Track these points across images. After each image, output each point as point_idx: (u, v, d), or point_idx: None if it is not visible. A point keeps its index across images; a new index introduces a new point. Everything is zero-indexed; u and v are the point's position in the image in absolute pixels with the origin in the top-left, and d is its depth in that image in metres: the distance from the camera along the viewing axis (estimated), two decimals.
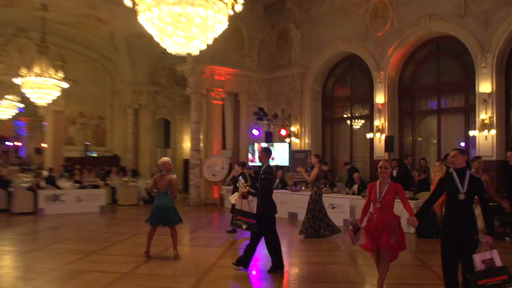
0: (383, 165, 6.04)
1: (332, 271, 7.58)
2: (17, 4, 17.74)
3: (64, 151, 22.75)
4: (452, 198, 5.34)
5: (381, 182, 6.04)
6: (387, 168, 6.04)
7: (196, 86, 17.80)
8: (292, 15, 18.60)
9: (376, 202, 5.93)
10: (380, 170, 6.04)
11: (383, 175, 6.01)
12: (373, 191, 6.02)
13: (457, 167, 5.46)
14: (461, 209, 5.26)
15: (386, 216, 5.89)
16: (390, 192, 5.93)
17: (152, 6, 7.86)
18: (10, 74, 19.42)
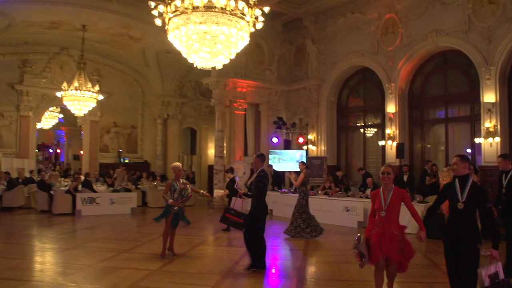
0: (385, 171, 5.33)
1: (347, 270, 7.52)
2: (60, 26, 18.15)
3: (99, 158, 23.06)
4: (452, 206, 4.86)
5: (384, 188, 5.35)
6: (390, 174, 5.33)
7: (220, 98, 17.88)
8: (309, 32, 18.61)
9: (381, 210, 5.23)
10: (382, 176, 5.34)
11: (386, 181, 5.33)
12: (377, 199, 5.32)
13: (458, 174, 4.92)
14: (460, 219, 4.74)
15: (391, 225, 5.21)
16: (395, 199, 5.24)
17: (180, 25, 7.96)
18: (53, 88, 19.92)
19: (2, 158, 19.79)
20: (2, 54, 20.32)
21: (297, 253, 9.37)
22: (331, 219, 13.11)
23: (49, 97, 20.95)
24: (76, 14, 16.76)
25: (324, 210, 13.49)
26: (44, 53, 21.29)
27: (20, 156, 20.45)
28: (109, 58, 22.76)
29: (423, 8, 14.66)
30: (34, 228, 12.63)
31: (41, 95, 21.14)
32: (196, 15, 7.72)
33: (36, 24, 17.90)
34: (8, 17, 16.46)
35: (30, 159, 20.90)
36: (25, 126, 20.84)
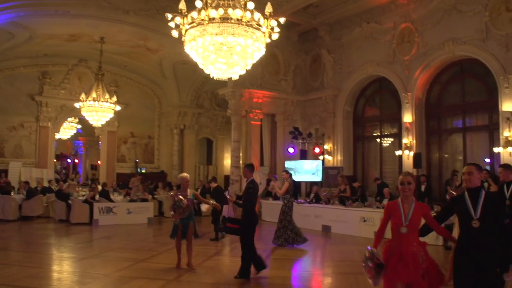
0: (405, 180, 4.37)
1: (364, 282, 7.43)
2: (79, 38, 18.48)
3: (117, 168, 23.28)
4: (465, 225, 4.14)
5: (404, 201, 4.38)
6: (410, 184, 4.37)
7: (236, 108, 17.95)
8: (324, 42, 18.63)
9: (401, 226, 4.27)
10: (402, 187, 4.39)
11: (407, 192, 4.37)
12: (395, 213, 4.37)
13: (471, 186, 4.22)
14: (477, 240, 3.99)
15: (411, 244, 4.24)
16: (417, 214, 4.33)
17: (196, 36, 8.02)
18: (71, 99, 20.27)
19: (22, 168, 20.09)
20: (22, 66, 20.74)
21: (314, 263, 9.32)
22: (347, 229, 13.04)
23: (68, 108, 21.30)
24: (94, 27, 17.04)
25: (341, 220, 13.43)
26: (63, 64, 21.68)
27: (39, 166, 20.75)
28: (126, 70, 23.05)
29: (439, 17, 14.58)
30: (52, 237, 12.77)
31: (60, 106, 21.50)
32: (213, 26, 7.78)
33: (55, 37, 18.24)
34: (29, 30, 16.81)
35: (49, 169, 21.18)
36: (44, 136, 21.17)
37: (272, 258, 9.57)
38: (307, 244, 11.02)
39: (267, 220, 16.32)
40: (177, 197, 7.76)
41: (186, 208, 7.70)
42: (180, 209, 7.66)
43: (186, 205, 7.66)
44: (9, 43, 17.79)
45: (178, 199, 7.70)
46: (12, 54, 19.39)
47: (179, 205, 7.67)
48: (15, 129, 20.68)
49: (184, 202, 7.66)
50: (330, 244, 11.50)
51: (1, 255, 9.48)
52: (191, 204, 7.85)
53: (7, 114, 20.38)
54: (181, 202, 7.65)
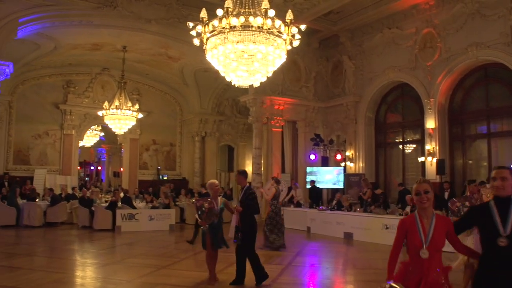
0: (421, 189, 3.49)
1: None
2: (102, 48, 18.83)
3: (139, 175, 23.54)
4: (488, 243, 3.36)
5: (421, 215, 3.51)
6: (428, 193, 3.49)
7: (258, 115, 18.01)
8: (345, 48, 18.60)
9: (421, 249, 3.39)
10: (418, 197, 3.51)
11: (425, 204, 3.49)
12: (413, 232, 3.47)
13: (503, 194, 3.38)
14: (504, 262, 3.23)
15: (433, 270, 3.41)
16: (440, 232, 3.44)
17: (218, 44, 8.11)
18: (95, 107, 20.64)
19: (46, 175, 20.48)
20: (47, 75, 21.23)
21: (336, 271, 9.27)
22: (370, 236, 12.94)
23: (91, 116, 21.70)
24: (117, 36, 17.34)
25: (363, 227, 13.33)
26: (86, 73, 22.12)
27: (63, 173, 21.13)
28: (148, 78, 23.36)
29: (462, 22, 14.43)
30: (75, 243, 12.98)
31: (83, 114, 21.91)
32: (234, 34, 7.86)
33: (79, 47, 18.62)
34: (54, 41, 17.19)
35: (73, 176, 21.54)
36: (68, 144, 21.57)
37: (293, 265, 9.56)
38: (330, 251, 10.96)
39: (289, 227, 16.29)
40: (198, 202, 7.54)
41: (209, 212, 7.31)
42: (203, 214, 7.33)
43: (208, 209, 7.29)
44: (35, 54, 18.24)
45: (200, 204, 7.43)
46: (38, 64, 19.87)
47: (201, 210, 7.37)
48: (40, 137, 21.12)
49: (205, 205, 7.34)
50: (352, 251, 11.42)
51: (26, 261, 9.68)
52: (215, 207, 7.40)
53: (33, 122, 20.85)
54: (202, 206, 7.35)
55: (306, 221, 15.57)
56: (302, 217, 15.90)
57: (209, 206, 7.33)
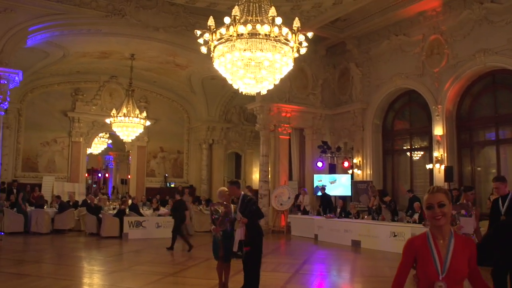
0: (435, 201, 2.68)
1: None
2: (110, 56, 19.00)
3: (146, 182, 23.61)
4: None
5: (435, 234, 2.71)
6: (444, 206, 2.67)
7: (265, 123, 18.05)
8: (352, 55, 18.62)
9: (437, 281, 2.63)
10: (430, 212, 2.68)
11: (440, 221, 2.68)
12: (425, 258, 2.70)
13: None
14: None
15: None
16: (460, 257, 2.67)
17: (225, 52, 8.16)
18: (103, 115, 20.79)
19: (54, 182, 20.60)
20: (56, 83, 21.42)
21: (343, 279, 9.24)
22: (378, 244, 12.89)
23: (99, 124, 21.84)
24: (125, 44, 17.49)
25: (371, 235, 13.29)
26: (95, 81, 22.30)
27: (71, 180, 21.25)
28: (156, 85, 23.50)
29: (469, 28, 14.42)
30: (83, 250, 13.03)
31: (91, 121, 22.05)
32: (241, 42, 7.91)
33: (88, 55, 18.79)
34: (63, 49, 17.37)
35: (80, 183, 21.65)
36: (76, 151, 21.70)
37: (300, 273, 9.54)
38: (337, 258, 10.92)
39: (296, 234, 16.27)
40: (212, 207, 7.17)
41: (224, 216, 6.92)
42: (218, 220, 6.93)
43: (223, 213, 6.93)
44: (44, 62, 18.43)
45: (214, 209, 7.07)
46: (46, 72, 20.06)
47: (216, 215, 7.01)
48: (49, 144, 21.27)
49: (221, 210, 6.96)
50: (359, 259, 11.38)
51: (34, 268, 9.73)
52: (231, 211, 7.00)
53: (41, 130, 21.01)
54: (217, 212, 6.97)
55: (313, 229, 15.54)
56: (309, 225, 15.88)
57: (225, 210, 6.99)
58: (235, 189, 7.18)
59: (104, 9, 15.09)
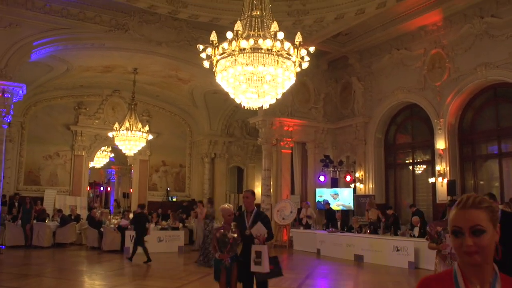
0: (466, 224, 1.64)
1: None
2: (113, 70, 19.15)
3: (148, 196, 23.61)
4: None
5: (467, 274, 1.67)
6: (482, 233, 1.63)
7: (267, 137, 18.10)
8: (354, 70, 18.74)
9: None
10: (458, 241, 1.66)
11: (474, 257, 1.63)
12: None
13: None
14: None
15: None
16: None
17: (227, 66, 8.23)
18: (105, 128, 20.86)
19: (56, 195, 20.63)
20: (59, 97, 21.56)
21: None
22: (381, 259, 12.83)
23: (102, 137, 21.92)
24: (128, 58, 17.63)
25: (373, 250, 13.24)
26: (97, 95, 22.43)
27: (73, 194, 21.27)
28: (158, 99, 23.62)
29: (470, 42, 14.53)
30: (84, 264, 13.01)
31: (94, 135, 22.13)
32: (243, 56, 7.97)
33: (91, 69, 18.95)
34: (66, 63, 17.53)
35: (82, 196, 21.67)
36: (79, 165, 21.76)
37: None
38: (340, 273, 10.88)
39: (298, 249, 16.22)
40: (218, 232, 6.27)
41: (234, 243, 6.16)
42: (227, 246, 6.12)
43: (232, 239, 6.13)
44: (48, 76, 18.58)
45: (221, 234, 6.19)
46: (50, 86, 20.21)
47: (224, 242, 6.13)
48: (51, 157, 21.33)
49: (229, 236, 6.14)
50: (362, 274, 11.32)
51: (35, 282, 9.73)
52: (239, 236, 6.17)
53: (44, 143, 21.09)
54: (226, 237, 6.13)
55: (315, 243, 15.49)
56: (311, 239, 15.83)
57: (233, 236, 6.14)
58: (253, 200, 6.47)
59: (107, 24, 15.26)
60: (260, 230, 5.96)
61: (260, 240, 5.97)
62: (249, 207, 6.36)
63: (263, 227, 5.98)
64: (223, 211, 6.51)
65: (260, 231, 5.96)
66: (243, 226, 6.23)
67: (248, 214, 6.33)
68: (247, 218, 6.28)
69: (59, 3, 14.47)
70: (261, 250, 5.98)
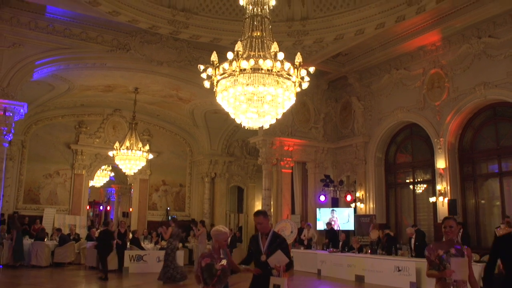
0: None
1: None
2: (114, 89, 19.34)
3: (148, 215, 23.58)
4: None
5: None
6: None
7: (267, 156, 18.16)
8: (354, 89, 18.90)
9: None
10: None
11: None
12: None
13: None
14: None
15: None
16: None
17: (228, 87, 8.33)
18: (106, 147, 20.96)
19: (55, 214, 20.61)
20: (60, 116, 21.70)
21: None
22: (382, 279, 12.82)
23: (102, 156, 21.99)
24: (129, 78, 17.82)
25: (375, 270, 13.23)
26: (98, 114, 22.57)
27: (72, 213, 21.24)
28: (159, 119, 23.76)
29: (469, 62, 14.70)
30: (83, 284, 13.00)
31: (94, 154, 22.20)
32: (244, 77, 8.07)
33: (92, 88, 19.12)
34: (68, 82, 17.71)
35: (82, 215, 21.64)
36: (79, 184, 21.77)
37: None
38: None
39: (299, 269, 16.15)
40: (204, 261, 5.19)
41: (222, 274, 5.16)
42: (213, 278, 5.13)
43: (221, 270, 5.15)
44: (49, 95, 18.75)
45: (206, 264, 5.16)
46: (51, 105, 20.37)
47: (210, 273, 5.13)
48: (51, 176, 21.36)
49: (217, 267, 5.15)
50: None
51: None
52: (228, 266, 5.23)
53: (45, 162, 21.16)
54: (212, 268, 5.14)
55: (316, 263, 15.45)
56: (312, 259, 15.79)
57: (222, 267, 5.17)
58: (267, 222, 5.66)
59: (109, 43, 15.48)
60: (281, 261, 5.20)
61: (278, 271, 5.23)
62: (264, 230, 5.62)
63: (284, 256, 5.24)
64: (218, 235, 5.35)
65: (281, 261, 5.20)
66: (257, 250, 5.55)
67: (263, 236, 5.63)
68: (262, 241, 5.59)
69: (62, 23, 14.73)
70: (280, 284, 5.21)
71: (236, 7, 14.11)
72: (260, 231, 5.62)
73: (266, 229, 5.59)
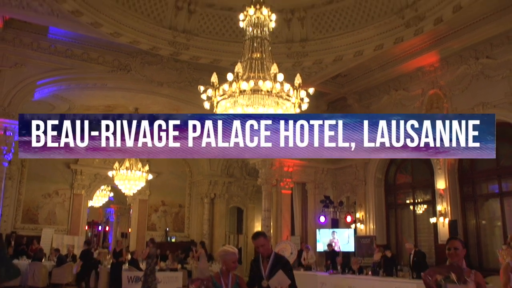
0: None
1: None
2: (114, 109, 19.42)
3: (147, 236, 23.49)
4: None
5: None
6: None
7: (267, 177, 18.20)
8: (353, 110, 18.98)
9: None
10: None
11: None
12: None
13: None
14: None
15: None
16: None
17: (228, 108, 8.45)
18: (105, 167, 20.98)
19: (54, 234, 20.56)
20: None
21: None
22: None
23: (101, 176, 22.05)
24: (130, 99, 17.95)
25: None
26: None
27: (71, 233, 21.21)
28: None
29: (467, 82, 14.83)
30: None
31: (93, 174, 22.26)
32: (243, 98, 8.20)
33: (93, 108, 19.24)
34: (68, 102, 17.85)
35: (80, 236, 21.59)
36: (78, 204, 21.79)
37: None
38: None
39: None
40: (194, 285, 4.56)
41: None
42: None
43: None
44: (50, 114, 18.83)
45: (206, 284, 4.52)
46: None
47: None
48: (50, 196, 21.38)
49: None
50: None
51: None
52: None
53: (44, 181, 21.20)
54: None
55: (316, 285, 15.34)
56: (312, 281, 15.66)
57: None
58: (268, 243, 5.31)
59: (110, 64, 15.68)
60: (282, 282, 4.80)
61: None
62: (265, 252, 5.23)
63: (285, 277, 4.83)
64: (225, 255, 4.73)
65: (282, 283, 4.80)
66: (258, 275, 5.16)
67: (264, 260, 5.22)
68: (263, 265, 5.19)
69: (63, 44, 14.94)
70: None
71: (236, 28, 14.31)
72: (262, 254, 5.27)
73: (268, 251, 5.26)
